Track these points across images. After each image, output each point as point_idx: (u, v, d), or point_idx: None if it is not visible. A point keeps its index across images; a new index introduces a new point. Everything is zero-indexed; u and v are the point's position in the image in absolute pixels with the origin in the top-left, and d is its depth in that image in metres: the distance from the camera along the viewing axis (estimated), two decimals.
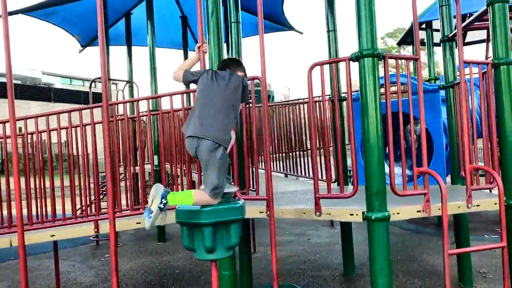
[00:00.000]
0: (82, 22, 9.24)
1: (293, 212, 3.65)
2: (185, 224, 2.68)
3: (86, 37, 10.10)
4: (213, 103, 3.09)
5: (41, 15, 8.89)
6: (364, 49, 3.15)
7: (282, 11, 9.71)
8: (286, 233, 8.83)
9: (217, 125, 3.02)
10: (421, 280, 5.23)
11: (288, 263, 6.44)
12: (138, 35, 10.08)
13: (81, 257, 7.61)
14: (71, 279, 6.16)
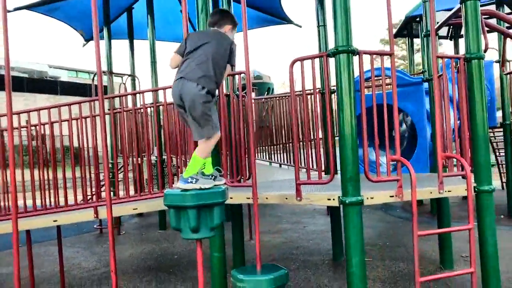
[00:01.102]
0: (84, 17, 9.49)
1: (276, 198, 3.91)
2: (172, 207, 2.95)
3: (89, 31, 10.36)
4: (198, 55, 3.28)
5: (45, 10, 9.17)
6: (339, 46, 3.38)
7: (280, 4, 9.92)
8: (284, 221, 9.12)
9: (198, 71, 3.21)
10: (406, 264, 5.49)
11: (282, 248, 6.72)
12: (140, 29, 10.34)
13: (85, 244, 7.94)
14: (75, 264, 6.48)
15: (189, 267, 5.88)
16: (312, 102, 5.25)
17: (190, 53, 3.31)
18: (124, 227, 9.29)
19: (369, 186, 3.65)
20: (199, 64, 3.24)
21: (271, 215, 9.81)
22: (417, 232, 3.37)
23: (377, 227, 8.05)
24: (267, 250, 6.69)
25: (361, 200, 3.39)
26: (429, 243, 6.14)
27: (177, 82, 3.24)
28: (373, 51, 3.52)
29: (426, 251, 5.96)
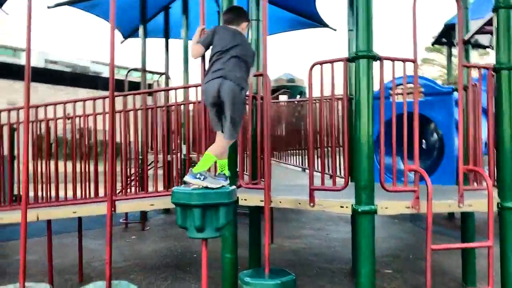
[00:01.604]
0: (122, 14, 9.69)
1: (290, 202, 3.86)
2: (179, 205, 2.95)
3: (127, 28, 10.58)
4: (232, 55, 3.32)
5: (84, 6, 9.41)
6: (359, 51, 3.32)
7: (315, 7, 9.85)
8: (307, 227, 9.01)
9: (236, 72, 3.29)
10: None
11: (301, 254, 6.64)
12: (176, 28, 10.47)
13: None
14: (96, 256, 6.60)
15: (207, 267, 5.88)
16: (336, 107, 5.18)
17: (223, 53, 3.32)
18: (149, 223, 9.40)
19: (385, 196, 3.56)
20: (237, 65, 3.29)
21: (295, 220, 9.72)
22: (430, 246, 3.26)
23: (403, 238, 7.85)
24: (285, 255, 6.63)
25: (375, 210, 3.30)
26: (454, 258, 5.92)
27: (215, 80, 3.25)
28: (395, 57, 3.42)
29: (450, 267, 5.76)
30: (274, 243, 7.44)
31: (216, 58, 3.32)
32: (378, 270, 5.69)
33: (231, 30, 3.44)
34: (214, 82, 3.24)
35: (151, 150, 7.29)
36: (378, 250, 6.78)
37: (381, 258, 6.35)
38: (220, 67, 3.28)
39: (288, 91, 11.83)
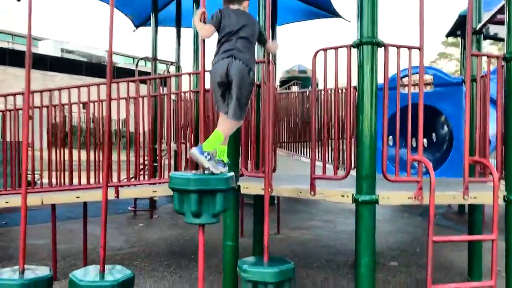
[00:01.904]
0: (134, 3, 9.70)
1: (291, 191, 3.82)
2: (176, 190, 2.93)
3: (139, 17, 10.57)
4: (241, 36, 3.30)
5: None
6: (364, 37, 3.25)
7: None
8: (316, 218, 8.97)
9: (245, 53, 3.29)
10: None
11: (307, 246, 6.60)
12: (188, 17, 10.42)
13: (117, 224, 8.13)
14: None
15: (211, 255, 5.87)
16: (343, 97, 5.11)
17: (232, 35, 3.29)
18: (158, 211, 9.45)
19: (388, 186, 3.49)
20: (246, 47, 3.29)
21: (304, 212, 9.68)
22: (432, 237, 3.19)
23: (411, 232, 7.76)
24: (292, 246, 6.60)
25: (375, 199, 3.25)
26: (460, 253, 5.83)
27: (224, 60, 3.23)
28: (400, 44, 3.34)
29: (456, 262, 5.68)
30: (280, 234, 7.42)
31: (225, 40, 3.30)
32: (384, 263, 5.64)
33: (236, 11, 3.40)
34: (224, 62, 3.22)
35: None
36: (385, 244, 6.76)
37: (387, 252, 6.29)
38: (229, 47, 3.26)
39: (300, 82, 11.74)
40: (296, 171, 6.87)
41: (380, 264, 5.57)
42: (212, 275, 5.04)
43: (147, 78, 5.05)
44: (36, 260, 5.61)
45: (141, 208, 9.49)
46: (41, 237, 6.80)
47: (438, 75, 5.16)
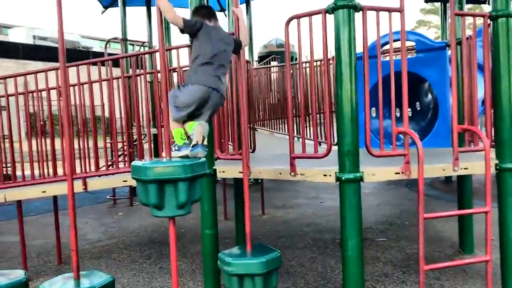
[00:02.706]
0: None
1: (270, 173, 3.56)
2: (137, 180, 2.63)
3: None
4: (223, 58, 3.07)
5: None
6: (339, 0, 2.95)
7: None
8: (301, 196, 8.79)
9: (225, 80, 3.13)
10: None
11: (293, 225, 6.40)
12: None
13: (96, 214, 7.84)
14: (80, 235, 6.33)
15: (193, 242, 5.65)
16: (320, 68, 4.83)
17: (213, 59, 3.01)
18: (137, 199, 9.15)
19: (373, 162, 3.25)
20: (224, 74, 3.13)
21: (289, 190, 9.49)
22: (422, 214, 2.96)
23: (398, 204, 7.61)
24: (276, 226, 6.39)
25: (360, 177, 3.00)
26: (451, 224, 5.67)
27: (211, 91, 2.98)
28: (379, 6, 3.05)
29: (447, 233, 5.52)
30: (265, 214, 7.21)
31: (205, 62, 2.99)
32: (373, 239, 5.47)
33: (217, 30, 3.11)
34: (208, 91, 2.97)
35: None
36: (373, 218, 6.58)
37: (375, 226, 6.12)
38: (212, 73, 3.01)
39: (278, 57, 11.40)
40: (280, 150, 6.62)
41: (368, 240, 5.40)
42: (194, 264, 4.81)
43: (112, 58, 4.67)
44: (7, 258, 5.32)
45: (121, 196, 9.19)
46: (14, 234, 6.47)
47: (421, 40, 4.88)
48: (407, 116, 3.15)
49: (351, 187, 2.99)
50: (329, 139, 3.11)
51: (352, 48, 2.97)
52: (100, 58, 4.57)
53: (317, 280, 4.17)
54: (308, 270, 4.47)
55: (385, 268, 4.41)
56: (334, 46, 3.03)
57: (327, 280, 4.16)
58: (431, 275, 4.13)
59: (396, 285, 3.98)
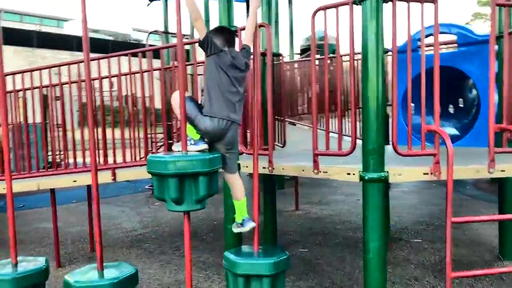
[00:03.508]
0: None
1: (293, 169, 3.48)
2: (154, 174, 2.62)
3: None
4: (237, 91, 3.02)
5: None
6: None
7: None
8: (338, 192, 8.62)
9: (241, 111, 3.07)
10: (460, 249, 4.83)
11: (326, 222, 6.27)
12: None
13: (134, 204, 8.00)
14: (115, 224, 6.49)
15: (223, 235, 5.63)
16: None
17: (233, 92, 2.98)
18: None
19: (400, 161, 3.10)
20: (240, 101, 3.07)
21: (325, 185, 9.33)
22: (450, 218, 2.79)
23: (438, 204, 7.30)
24: (309, 222, 6.29)
25: (384, 177, 2.86)
26: (494, 227, 5.38)
27: (225, 122, 2.95)
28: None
29: (487, 236, 5.25)
30: (299, 209, 7.11)
31: (224, 90, 2.96)
32: (407, 240, 5.27)
33: (236, 56, 3.03)
34: (222, 122, 2.95)
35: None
36: (409, 218, 6.36)
37: (411, 226, 5.91)
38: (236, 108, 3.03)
39: (319, 50, 11.17)
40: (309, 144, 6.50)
41: (402, 241, 5.21)
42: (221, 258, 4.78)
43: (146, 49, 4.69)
44: (45, 244, 5.50)
45: None
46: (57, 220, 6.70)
47: (462, 33, 4.63)
48: (438, 113, 2.98)
49: (374, 187, 2.87)
50: (354, 135, 2.98)
51: (380, 41, 2.83)
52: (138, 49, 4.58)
53: (343, 281, 4.06)
54: (336, 269, 4.35)
55: (416, 272, 4.23)
56: (361, 39, 2.89)
57: (353, 281, 4.04)
58: (466, 281, 3.92)
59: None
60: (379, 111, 2.84)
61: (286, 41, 10.66)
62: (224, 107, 2.92)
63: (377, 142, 2.85)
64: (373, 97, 2.83)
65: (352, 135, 2.99)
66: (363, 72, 2.87)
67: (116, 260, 4.75)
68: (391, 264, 4.41)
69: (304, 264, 4.52)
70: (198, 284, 4.05)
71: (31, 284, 2.77)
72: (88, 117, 3.03)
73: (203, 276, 4.26)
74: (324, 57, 3.32)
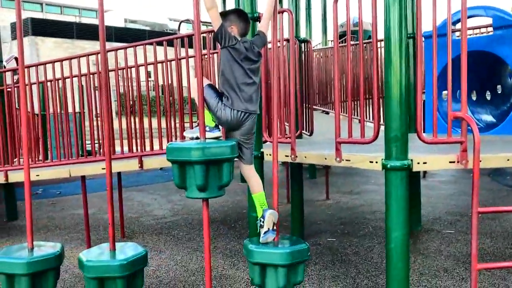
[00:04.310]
0: None
1: (315, 157, 3.44)
2: (176, 162, 2.64)
3: None
4: (253, 81, 2.98)
5: None
6: None
7: None
8: (371, 182, 8.48)
9: (257, 100, 3.05)
10: (493, 240, 4.68)
11: (356, 212, 6.18)
12: None
13: (166, 192, 8.12)
14: (147, 211, 6.61)
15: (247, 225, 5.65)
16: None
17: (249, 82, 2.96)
18: None
19: (425, 148, 3.01)
20: (257, 91, 3.05)
21: (358, 174, 9.20)
22: (477, 209, 2.70)
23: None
24: (339, 211, 6.22)
25: (407, 165, 2.78)
26: None
27: (243, 114, 2.94)
28: None
29: None
30: (329, 199, 7.05)
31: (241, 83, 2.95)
32: (439, 231, 5.14)
33: (250, 47, 2.97)
34: (240, 114, 2.95)
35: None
36: (443, 208, 6.19)
37: (444, 216, 5.75)
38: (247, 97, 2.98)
39: (353, 36, 10.99)
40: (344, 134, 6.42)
41: (433, 232, 5.09)
42: None
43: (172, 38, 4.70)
44: (79, 230, 5.65)
45: None
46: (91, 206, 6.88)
47: (498, 15, 4.42)
48: (465, 100, 2.86)
49: (397, 175, 2.79)
50: (377, 123, 2.90)
51: (403, 27, 2.73)
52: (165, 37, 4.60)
53: (370, 271, 3.99)
54: (363, 259, 4.29)
55: (446, 263, 4.11)
56: (383, 25, 2.80)
57: (380, 271, 3.96)
58: (498, 273, 3.79)
59: (454, 281, 3.69)
60: (402, 98, 2.75)
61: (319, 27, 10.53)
62: (241, 99, 2.90)
63: (400, 130, 2.76)
64: (396, 84, 2.74)
65: (375, 122, 2.92)
66: (386, 57, 2.79)
67: (145, 246, 4.85)
68: (421, 255, 4.32)
69: (331, 253, 4.48)
70: (223, 271, 4.08)
71: (44, 268, 2.85)
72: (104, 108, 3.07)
73: (229, 263, 4.29)
74: (347, 43, 3.23)
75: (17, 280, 2.75)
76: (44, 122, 6.97)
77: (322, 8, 10.30)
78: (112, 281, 2.68)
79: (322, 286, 3.69)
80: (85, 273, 2.70)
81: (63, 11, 42.42)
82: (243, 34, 3.03)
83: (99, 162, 4.54)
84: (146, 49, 4.50)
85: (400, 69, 2.74)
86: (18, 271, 2.74)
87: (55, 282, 2.95)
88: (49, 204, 7.24)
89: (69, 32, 31.27)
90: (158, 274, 4.03)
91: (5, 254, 2.87)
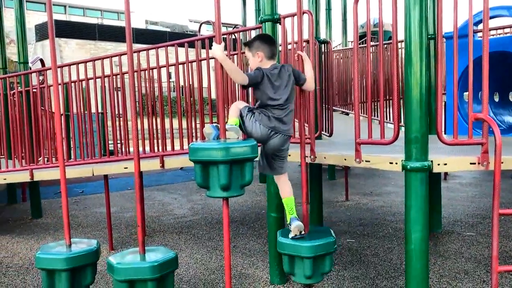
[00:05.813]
0: None
1: (334, 158, 3.45)
2: (199, 162, 2.68)
3: None
4: (285, 103, 3.01)
5: None
6: None
7: None
8: (392, 183, 8.43)
9: (291, 121, 3.11)
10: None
11: (376, 213, 6.16)
12: None
13: (186, 191, 8.21)
14: (167, 210, 6.70)
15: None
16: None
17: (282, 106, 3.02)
18: None
19: (446, 150, 3.00)
20: (291, 113, 3.11)
21: (380, 176, 9.15)
22: (498, 210, 2.68)
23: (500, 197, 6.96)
24: (359, 213, 6.20)
25: (428, 166, 2.77)
26: None
27: (283, 137, 3.05)
28: None
29: None
30: (350, 200, 7.04)
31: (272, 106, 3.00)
32: (460, 233, 5.09)
33: (280, 73, 3.02)
34: (282, 138, 3.05)
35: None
36: (464, 210, 6.13)
37: (465, 219, 5.69)
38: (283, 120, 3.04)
39: (374, 37, 10.91)
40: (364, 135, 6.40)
41: (454, 234, 5.04)
42: (267, 245, 4.83)
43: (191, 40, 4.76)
44: (101, 228, 5.76)
45: None
46: (112, 205, 7.00)
47: None
48: (486, 101, 2.84)
49: (417, 177, 2.78)
50: (397, 124, 2.90)
51: (423, 27, 2.72)
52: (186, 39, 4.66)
53: (389, 272, 3.98)
54: (382, 260, 4.28)
55: (467, 265, 4.08)
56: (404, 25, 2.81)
57: (399, 272, 3.95)
58: None
59: (475, 284, 3.67)
60: (422, 99, 2.75)
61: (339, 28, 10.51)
62: (270, 118, 2.97)
63: (420, 131, 2.76)
64: (416, 85, 2.74)
65: (394, 123, 2.92)
66: (406, 58, 2.79)
67: (165, 244, 4.92)
68: (441, 257, 4.29)
69: (350, 254, 4.48)
70: (242, 270, 4.12)
71: (83, 263, 2.92)
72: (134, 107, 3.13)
73: (248, 262, 4.33)
74: (367, 44, 3.24)
75: (57, 276, 2.82)
76: (68, 122, 7.15)
77: (342, 9, 10.29)
78: (142, 284, 2.68)
79: (341, 286, 3.70)
80: (115, 276, 2.70)
81: (86, 13, 43.12)
82: (271, 56, 3.06)
83: (121, 161, 4.63)
84: (167, 51, 4.56)
85: (420, 70, 2.74)
86: (58, 266, 2.81)
87: (93, 277, 3.01)
88: (72, 202, 7.38)
89: (92, 33, 31.79)
90: (179, 272, 4.09)
91: (45, 251, 2.94)
